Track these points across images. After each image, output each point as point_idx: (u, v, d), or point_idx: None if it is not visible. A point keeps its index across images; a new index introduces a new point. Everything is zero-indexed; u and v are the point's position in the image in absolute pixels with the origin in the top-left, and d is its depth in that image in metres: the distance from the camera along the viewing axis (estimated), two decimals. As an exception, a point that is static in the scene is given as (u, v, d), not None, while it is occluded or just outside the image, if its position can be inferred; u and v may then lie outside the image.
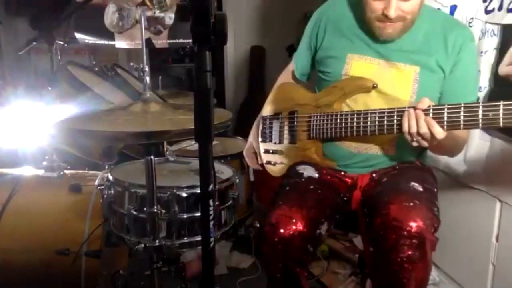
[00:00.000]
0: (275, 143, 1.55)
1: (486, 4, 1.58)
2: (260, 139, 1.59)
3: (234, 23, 3.69)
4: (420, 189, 1.23)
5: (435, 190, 1.30)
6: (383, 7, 1.22)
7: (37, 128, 1.67)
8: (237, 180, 1.42)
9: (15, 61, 3.36)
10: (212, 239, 0.82)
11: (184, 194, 1.26)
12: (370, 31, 1.32)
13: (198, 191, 0.96)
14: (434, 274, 1.95)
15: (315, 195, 1.30)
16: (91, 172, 1.76)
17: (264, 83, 3.84)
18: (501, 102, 1.06)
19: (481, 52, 1.60)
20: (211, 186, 0.79)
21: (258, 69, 3.85)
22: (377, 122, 1.26)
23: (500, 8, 1.51)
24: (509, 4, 1.46)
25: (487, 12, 1.57)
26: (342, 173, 1.42)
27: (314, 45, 1.50)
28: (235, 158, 2.12)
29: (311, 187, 1.33)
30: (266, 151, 1.57)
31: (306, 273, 1.25)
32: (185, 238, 1.27)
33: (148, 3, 2.24)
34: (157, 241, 1.24)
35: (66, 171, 1.71)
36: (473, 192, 1.71)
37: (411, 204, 1.13)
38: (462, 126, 1.12)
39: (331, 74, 1.41)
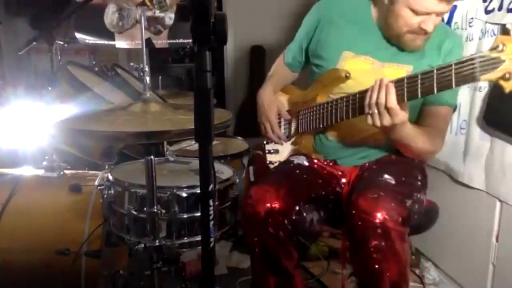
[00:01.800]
0: (274, 142, 1.60)
1: (486, 4, 1.58)
2: (264, 142, 1.65)
3: (234, 23, 3.69)
4: (392, 182, 1.25)
5: (418, 183, 1.32)
6: (421, 21, 1.26)
7: (37, 128, 1.67)
8: (237, 180, 1.42)
9: (15, 61, 3.36)
10: (212, 239, 0.82)
11: (184, 194, 1.26)
12: (392, 39, 1.36)
13: (198, 191, 0.96)
14: (434, 274, 1.95)
15: (299, 178, 1.35)
16: (91, 172, 1.76)
17: (264, 83, 3.84)
18: (453, 62, 1.06)
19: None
20: (211, 186, 0.79)
21: (258, 69, 3.85)
22: (344, 108, 1.31)
23: (500, 8, 1.51)
24: (509, 4, 1.46)
25: (487, 12, 1.58)
26: (332, 164, 1.45)
27: (311, 36, 1.53)
28: (235, 158, 2.12)
29: (297, 171, 1.38)
30: (269, 152, 1.64)
31: (289, 254, 1.25)
32: (185, 238, 1.27)
33: (148, 3, 2.24)
34: (157, 241, 1.24)
35: (66, 171, 1.70)
36: (473, 192, 1.71)
37: (375, 195, 1.16)
38: (419, 94, 1.12)
39: (324, 69, 1.45)
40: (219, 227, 1.33)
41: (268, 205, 1.21)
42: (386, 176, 1.27)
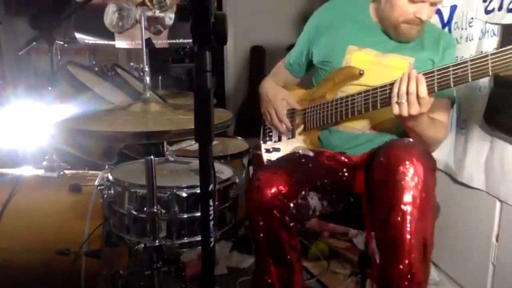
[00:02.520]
0: (274, 141, 1.60)
1: (486, 4, 1.58)
2: (261, 141, 1.64)
3: (234, 23, 3.69)
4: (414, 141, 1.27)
5: None
6: (416, 10, 1.34)
7: (37, 128, 1.67)
8: (237, 180, 1.42)
9: (15, 61, 3.36)
10: (212, 239, 0.82)
11: (184, 194, 1.26)
12: (389, 30, 1.43)
13: (198, 191, 0.96)
14: (434, 274, 1.95)
15: (304, 166, 1.36)
16: (91, 172, 1.76)
17: (264, 83, 3.84)
18: (489, 53, 1.12)
19: (481, 52, 1.59)
20: (211, 186, 0.79)
21: (258, 69, 3.85)
22: (362, 102, 1.34)
23: (500, 8, 1.51)
24: (509, 4, 1.46)
25: (487, 12, 1.57)
26: (342, 157, 1.45)
27: (312, 41, 1.57)
28: (235, 158, 2.12)
29: (303, 160, 1.39)
30: (267, 151, 1.63)
31: (292, 241, 1.24)
32: (185, 238, 1.27)
33: (148, 3, 2.24)
34: (157, 241, 1.24)
35: (66, 171, 1.70)
36: (473, 192, 1.71)
37: (406, 142, 1.20)
38: (452, 83, 1.18)
39: (332, 64, 1.48)
40: (219, 227, 1.33)
41: (275, 188, 1.21)
42: (406, 138, 1.28)
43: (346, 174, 1.41)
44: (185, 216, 1.26)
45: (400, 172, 1.10)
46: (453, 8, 1.77)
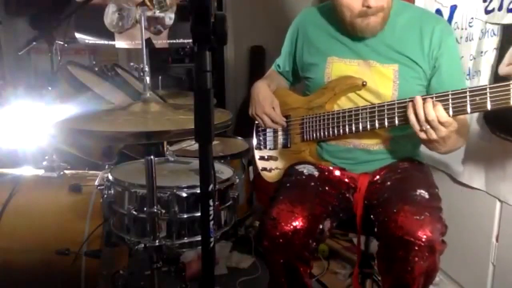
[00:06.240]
0: (269, 149, 1.57)
1: (486, 4, 1.58)
2: (254, 146, 1.61)
3: (234, 23, 3.69)
4: (427, 196, 1.23)
5: (437, 190, 1.31)
6: (362, 1, 1.24)
7: (37, 128, 1.67)
8: (237, 180, 1.42)
9: (15, 61, 3.36)
10: (212, 239, 0.82)
11: (184, 194, 1.26)
12: (352, 31, 1.33)
13: (198, 191, 0.96)
14: (434, 274, 1.95)
15: (316, 192, 1.31)
16: (91, 172, 1.76)
17: (264, 83, 3.84)
18: (511, 82, 1.04)
19: (481, 52, 1.59)
20: (211, 186, 0.79)
21: (258, 69, 3.85)
22: (368, 118, 1.28)
23: (500, 8, 1.51)
24: (509, 4, 1.46)
25: (487, 12, 1.57)
26: (338, 172, 1.42)
27: (294, 53, 1.54)
28: (235, 158, 2.12)
29: (312, 184, 1.34)
30: (261, 158, 1.59)
31: (308, 270, 1.25)
32: (185, 238, 1.27)
33: (148, 3, 2.24)
34: (157, 241, 1.24)
35: (66, 171, 1.71)
36: (473, 192, 1.71)
37: (422, 217, 1.13)
38: (469, 110, 1.10)
39: (314, 79, 1.44)
40: (219, 227, 1.33)
41: (293, 226, 1.18)
42: (419, 190, 1.24)
43: (347, 193, 1.39)
44: (185, 216, 1.26)
45: (413, 248, 1.10)
46: (453, 8, 1.77)
